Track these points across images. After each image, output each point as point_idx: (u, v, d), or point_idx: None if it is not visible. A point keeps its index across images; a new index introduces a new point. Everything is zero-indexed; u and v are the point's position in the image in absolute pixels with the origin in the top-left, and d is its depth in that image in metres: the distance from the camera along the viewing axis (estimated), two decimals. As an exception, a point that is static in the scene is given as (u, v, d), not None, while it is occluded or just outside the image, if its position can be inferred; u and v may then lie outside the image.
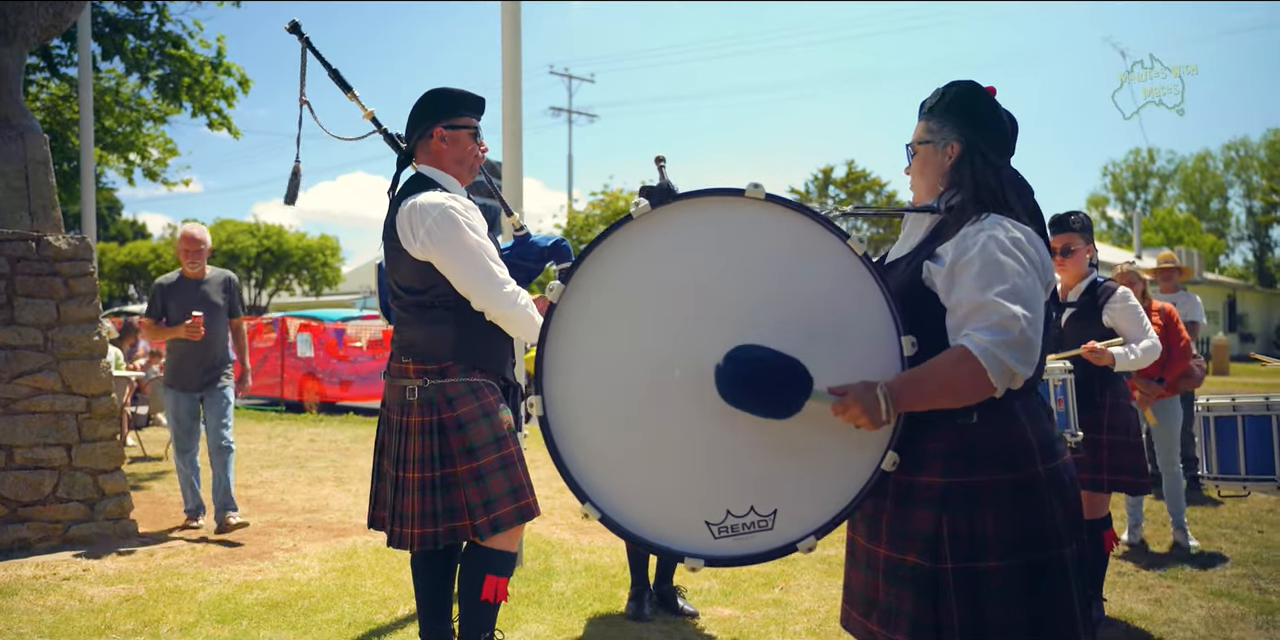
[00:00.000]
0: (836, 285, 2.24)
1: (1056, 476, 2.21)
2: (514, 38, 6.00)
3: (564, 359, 2.25)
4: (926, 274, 2.24)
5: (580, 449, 2.25)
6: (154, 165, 15.37)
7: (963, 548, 2.14)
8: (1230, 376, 25.89)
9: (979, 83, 2.39)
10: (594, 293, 2.24)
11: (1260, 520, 6.98)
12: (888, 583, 2.25)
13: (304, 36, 3.64)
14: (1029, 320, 2.05)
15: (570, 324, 2.24)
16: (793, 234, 2.25)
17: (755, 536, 2.23)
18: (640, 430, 2.24)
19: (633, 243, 2.24)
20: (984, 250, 2.13)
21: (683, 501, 2.24)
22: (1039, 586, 2.14)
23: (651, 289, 2.24)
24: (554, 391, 2.25)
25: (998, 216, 2.22)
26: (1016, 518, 2.15)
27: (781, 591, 5.17)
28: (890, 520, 2.27)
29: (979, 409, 2.18)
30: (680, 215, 2.24)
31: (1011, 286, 2.08)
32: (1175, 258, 8.91)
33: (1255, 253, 62.12)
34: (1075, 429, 4.36)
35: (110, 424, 6.40)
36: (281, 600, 4.99)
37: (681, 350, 2.21)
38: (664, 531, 2.24)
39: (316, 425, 14.24)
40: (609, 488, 2.25)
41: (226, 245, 39.42)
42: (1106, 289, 4.71)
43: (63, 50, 13.42)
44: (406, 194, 3.38)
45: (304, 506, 7.78)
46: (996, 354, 2.02)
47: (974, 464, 2.18)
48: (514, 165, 6.01)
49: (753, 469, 2.23)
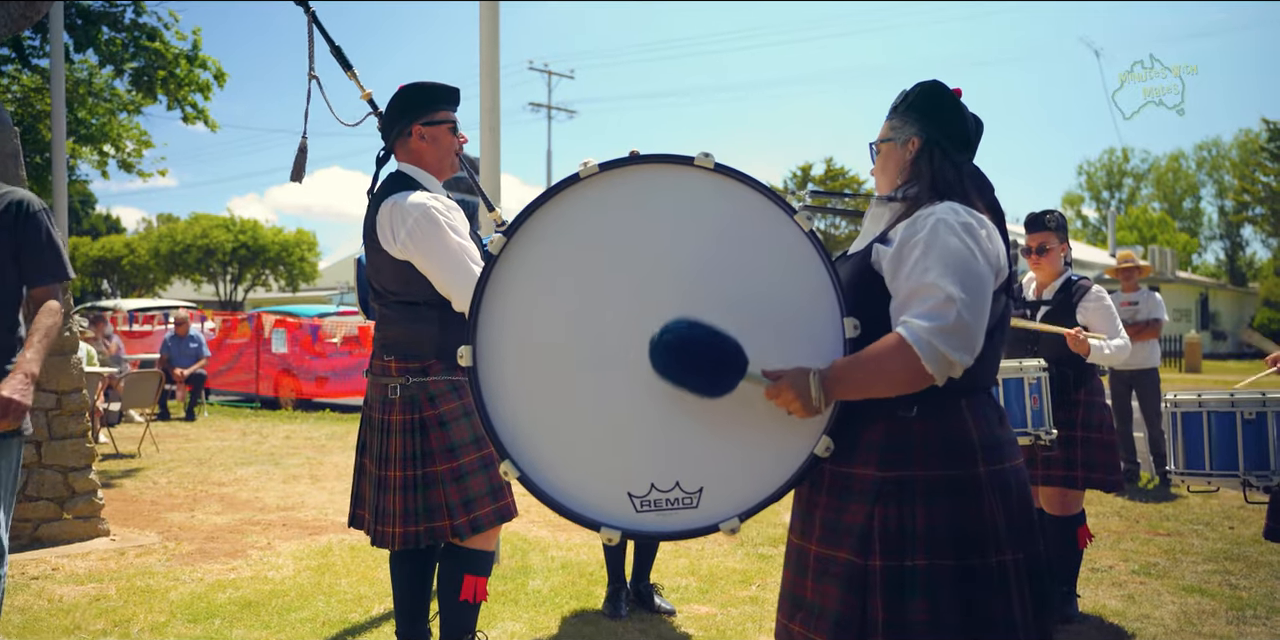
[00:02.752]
0: (780, 260, 2.21)
1: (1001, 479, 2.15)
2: (491, 33, 5.97)
3: (499, 313, 2.20)
4: (875, 257, 2.21)
5: (506, 405, 2.21)
6: (128, 157, 15.22)
7: (891, 544, 2.09)
8: (1202, 373, 26.11)
9: (943, 82, 2.39)
10: (535, 249, 2.21)
11: (1231, 516, 7.04)
12: (816, 581, 2.20)
13: (310, 10, 3.62)
14: (966, 305, 2.00)
15: (509, 279, 2.20)
16: (740, 207, 2.21)
17: (678, 513, 2.19)
18: (570, 393, 2.20)
19: (578, 203, 2.21)
20: (932, 232, 2.10)
21: (607, 470, 2.19)
22: (971, 592, 2.07)
23: (593, 251, 2.21)
24: (486, 344, 2.21)
25: (952, 202, 2.20)
26: (950, 517, 2.09)
27: (758, 589, 5.17)
28: (823, 514, 2.23)
29: (920, 403, 2.13)
30: (628, 179, 2.21)
31: (953, 270, 2.03)
32: (1134, 257, 9.03)
33: (1227, 252, 62.71)
34: (1049, 427, 4.38)
35: (80, 421, 6.33)
36: (255, 599, 4.95)
37: (618, 315, 2.18)
38: (584, 499, 2.19)
39: (292, 422, 14.15)
40: (532, 448, 2.20)
41: (202, 240, 39.12)
42: (1081, 287, 4.75)
43: (34, 41, 13.27)
44: (386, 193, 3.35)
45: (279, 504, 7.73)
46: (931, 341, 1.97)
47: (909, 458, 2.13)
48: (491, 161, 5.98)
49: (682, 445, 2.19)
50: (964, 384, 2.13)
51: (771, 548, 6.07)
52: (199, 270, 40.26)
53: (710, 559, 5.80)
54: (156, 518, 7.15)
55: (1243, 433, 4.13)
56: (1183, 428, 4.27)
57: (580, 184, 2.21)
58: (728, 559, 5.81)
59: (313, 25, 3.65)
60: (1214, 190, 62.86)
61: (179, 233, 40.50)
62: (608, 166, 2.20)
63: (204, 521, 7.03)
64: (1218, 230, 63.35)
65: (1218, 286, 45.59)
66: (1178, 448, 4.27)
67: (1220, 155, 61.57)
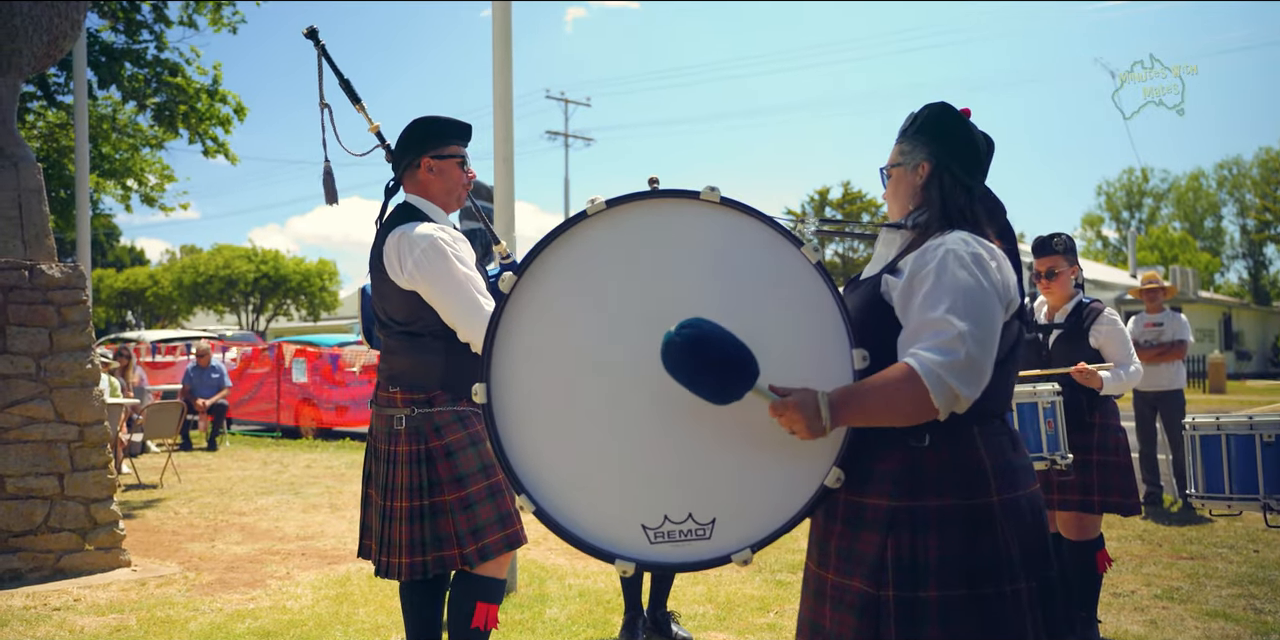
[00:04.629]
0: (788, 292, 2.22)
1: (1014, 508, 2.15)
2: (504, 64, 6.04)
3: (512, 350, 2.23)
4: (885, 287, 2.20)
5: (522, 440, 2.23)
6: (151, 191, 15.42)
7: (905, 574, 2.09)
8: (1227, 394, 25.86)
9: (951, 104, 2.38)
10: (546, 286, 2.23)
11: (1256, 539, 6.97)
12: (834, 609, 2.20)
13: (320, 43, 3.69)
14: (975, 339, 2.00)
15: (520, 315, 2.23)
16: (747, 239, 2.23)
17: (691, 544, 2.20)
18: (584, 427, 2.22)
19: (586, 239, 2.24)
20: (941, 264, 2.10)
21: (621, 503, 2.21)
22: (985, 623, 2.07)
23: (602, 286, 2.23)
24: (500, 381, 2.23)
25: (962, 232, 2.19)
26: (963, 547, 2.09)
27: (776, 616, 5.15)
28: (838, 543, 2.23)
29: (932, 432, 2.13)
30: (636, 215, 2.24)
31: (962, 304, 2.03)
32: (1158, 278, 8.96)
33: (1250, 271, 62.28)
34: (1065, 451, 4.36)
35: (102, 453, 6.38)
36: (274, 629, 4.97)
37: (629, 350, 2.20)
38: (599, 532, 2.21)
39: (312, 451, 14.21)
40: (548, 482, 2.22)
41: (224, 271, 39.46)
42: (1093, 310, 4.74)
43: (59, 78, 13.50)
44: (394, 223, 3.39)
45: (298, 534, 7.75)
46: (941, 375, 1.97)
47: (922, 487, 2.13)
48: (505, 190, 6.03)
49: (695, 477, 2.20)
50: (976, 412, 2.12)
51: (789, 574, 6.04)
52: (222, 301, 40.57)
53: (728, 586, 5.78)
54: (177, 548, 7.19)
55: (1262, 456, 4.12)
56: (1202, 451, 4.26)
57: (589, 221, 2.23)
58: (745, 586, 5.79)
59: (322, 58, 3.72)
60: (1235, 209, 62.50)
61: (202, 264, 40.88)
62: (615, 203, 2.23)
63: (224, 551, 7.06)
64: (1240, 249, 62.96)
65: (1241, 306, 45.22)
66: (1197, 471, 4.25)
67: (1241, 174, 61.20)
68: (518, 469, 2.23)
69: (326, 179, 3.84)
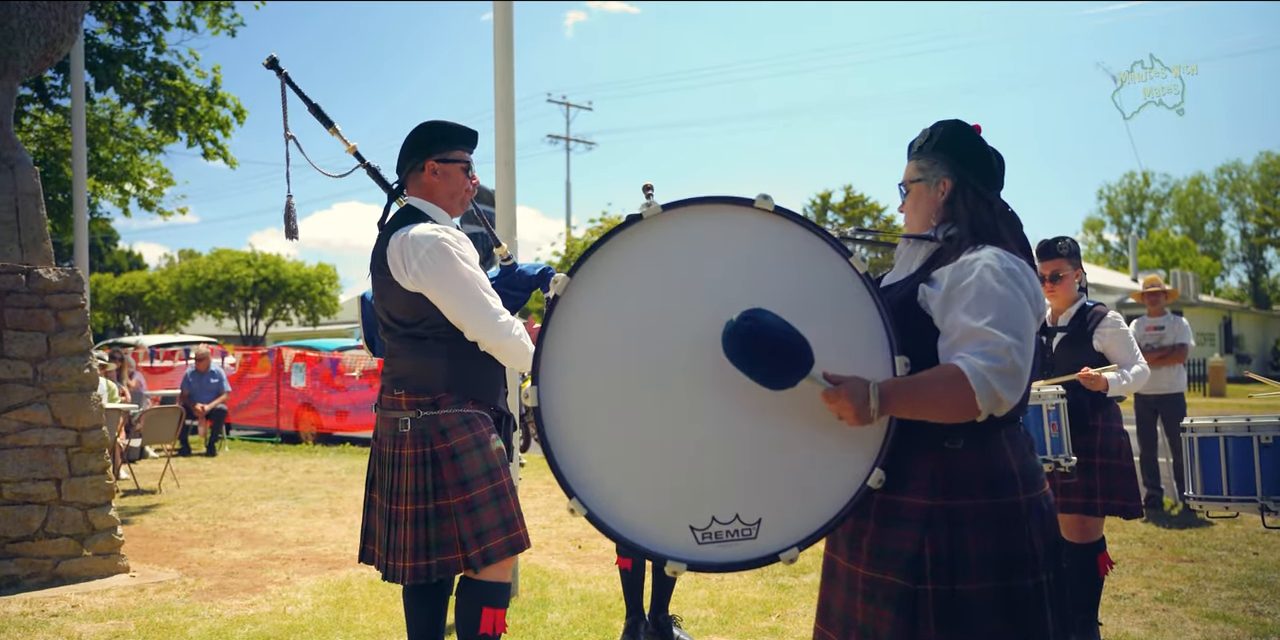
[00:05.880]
0: (836, 301, 2.29)
1: (1036, 505, 2.29)
2: (506, 70, 6.03)
3: (562, 352, 2.24)
4: (922, 297, 2.30)
5: (571, 444, 2.24)
6: (149, 195, 15.40)
7: (943, 569, 2.20)
8: (1227, 398, 25.85)
9: (965, 121, 2.48)
10: (598, 289, 2.25)
11: (1256, 542, 6.95)
12: (866, 603, 2.30)
13: (283, 72, 3.66)
14: (1019, 350, 2.11)
15: (571, 318, 2.24)
16: (797, 248, 2.29)
17: (738, 544, 2.24)
18: (633, 430, 2.24)
19: (639, 242, 2.26)
20: (980, 279, 2.20)
21: (670, 504, 2.24)
22: (1015, 612, 2.20)
23: (655, 289, 2.25)
24: (549, 384, 2.24)
25: (994, 248, 2.29)
26: (997, 542, 2.21)
27: (778, 620, 5.13)
28: (871, 540, 2.32)
29: (965, 435, 2.24)
30: (689, 220, 2.27)
31: (1005, 316, 2.14)
32: (1160, 281, 8.99)
33: (1250, 274, 62.29)
34: (1069, 454, 4.35)
35: (100, 458, 6.36)
36: (274, 635, 4.95)
37: (678, 353, 2.23)
38: (648, 534, 2.24)
39: (312, 456, 14.18)
40: (597, 485, 2.24)
41: (223, 275, 39.40)
42: (1096, 314, 4.74)
43: (56, 81, 13.49)
44: (397, 225, 3.38)
45: (298, 539, 7.73)
46: (988, 379, 2.07)
47: (957, 487, 2.24)
48: (507, 195, 6.02)
49: (741, 478, 2.25)
50: (1005, 416, 2.24)
51: (791, 578, 6.03)
52: (220, 305, 40.53)
53: (729, 590, 5.76)
54: (176, 553, 7.17)
55: (1260, 457, 4.12)
56: (1200, 453, 4.26)
57: (643, 223, 2.25)
58: (747, 590, 5.77)
59: (286, 87, 3.68)
60: (1236, 213, 62.53)
61: (200, 268, 40.82)
62: (670, 207, 2.25)
63: (223, 557, 7.04)
64: (1240, 253, 62.96)
65: (1241, 310, 45.21)
66: (1195, 473, 4.25)
67: (1242, 178, 61.24)
68: (568, 473, 2.24)
69: (288, 214, 3.82)
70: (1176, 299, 9.38)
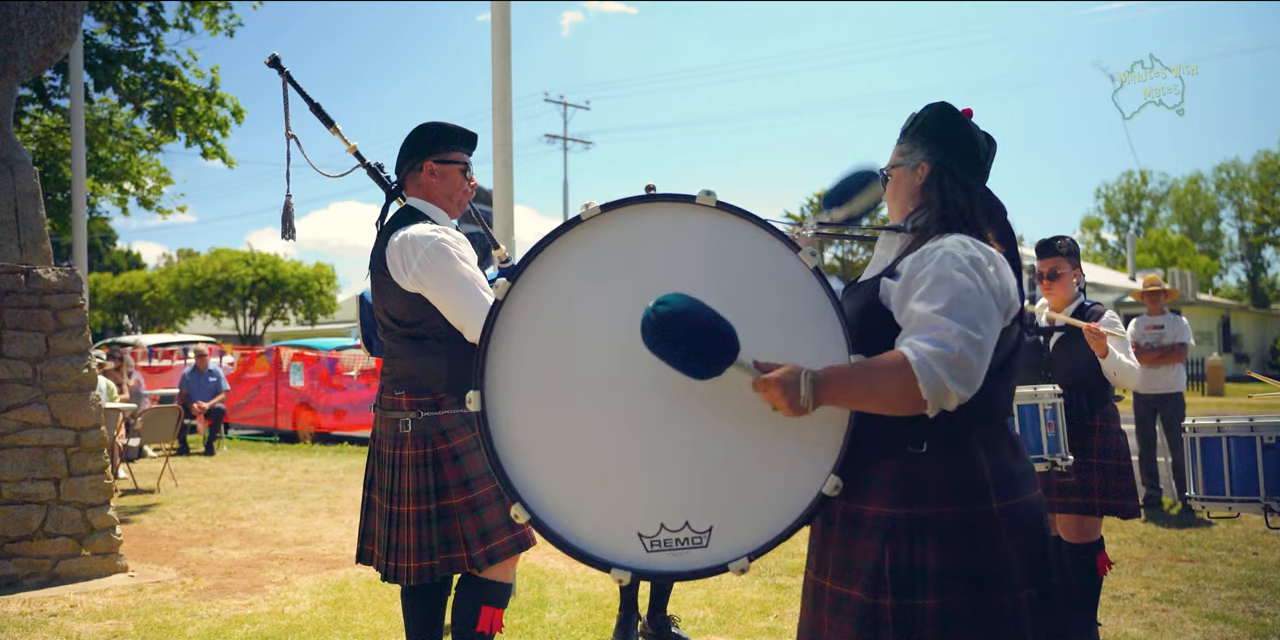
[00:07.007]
0: (785, 297, 2.18)
1: (1014, 515, 2.12)
2: (504, 70, 6.03)
3: (505, 356, 2.22)
4: (884, 290, 2.17)
5: (516, 448, 2.21)
6: (148, 194, 15.40)
7: (903, 582, 2.06)
8: (1225, 397, 25.85)
9: (952, 104, 2.35)
10: (539, 292, 2.22)
11: (1255, 542, 6.95)
12: (832, 617, 2.18)
13: (284, 71, 3.65)
14: (971, 341, 1.96)
15: (514, 322, 2.22)
16: (744, 243, 2.20)
17: (688, 553, 2.17)
18: (578, 434, 2.20)
19: (581, 244, 2.22)
20: (939, 265, 2.06)
21: (617, 510, 2.19)
22: (987, 631, 2.04)
23: (597, 291, 2.21)
24: (494, 388, 2.22)
25: (961, 236, 2.17)
26: (962, 555, 2.06)
27: (776, 620, 5.13)
28: (835, 552, 2.21)
29: (930, 438, 2.11)
30: (631, 219, 2.22)
31: (961, 305, 1.99)
32: (1160, 280, 8.99)
33: (1248, 273, 62.27)
34: (1066, 453, 4.35)
35: (99, 457, 6.36)
36: (272, 634, 4.94)
37: (623, 355, 2.16)
38: (595, 540, 2.19)
39: (310, 456, 14.17)
40: (543, 490, 2.20)
41: (221, 274, 39.40)
42: (1094, 313, 4.73)
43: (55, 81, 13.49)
44: (396, 226, 3.37)
45: (296, 538, 7.73)
46: (933, 366, 1.92)
47: (921, 495, 2.10)
48: (505, 195, 6.02)
49: (691, 484, 2.17)
50: (977, 415, 2.10)
51: (789, 578, 6.03)
52: (219, 304, 40.52)
53: (727, 590, 5.76)
54: (175, 553, 7.17)
55: (1263, 458, 4.11)
56: (1202, 453, 4.25)
57: (583, 225, 2.21)
58: (745, 590, 5.77)
59: (288, 85, 3.68)
60: (1234, 212, 62.53)
61: (199, 267, 40.83)
62: (609, 207, 2.21)
63: (222, 556, 7.04)
64: (1238, 252, 62.96)
65: (1239, 309, 45.21)
66: (1197, 473, 4.24)
67: (1240, 177, 61.25)
68: (513, 477, 2.21)
69: (286, 214, 3.81)
70: (1175, 298, 9.38)
